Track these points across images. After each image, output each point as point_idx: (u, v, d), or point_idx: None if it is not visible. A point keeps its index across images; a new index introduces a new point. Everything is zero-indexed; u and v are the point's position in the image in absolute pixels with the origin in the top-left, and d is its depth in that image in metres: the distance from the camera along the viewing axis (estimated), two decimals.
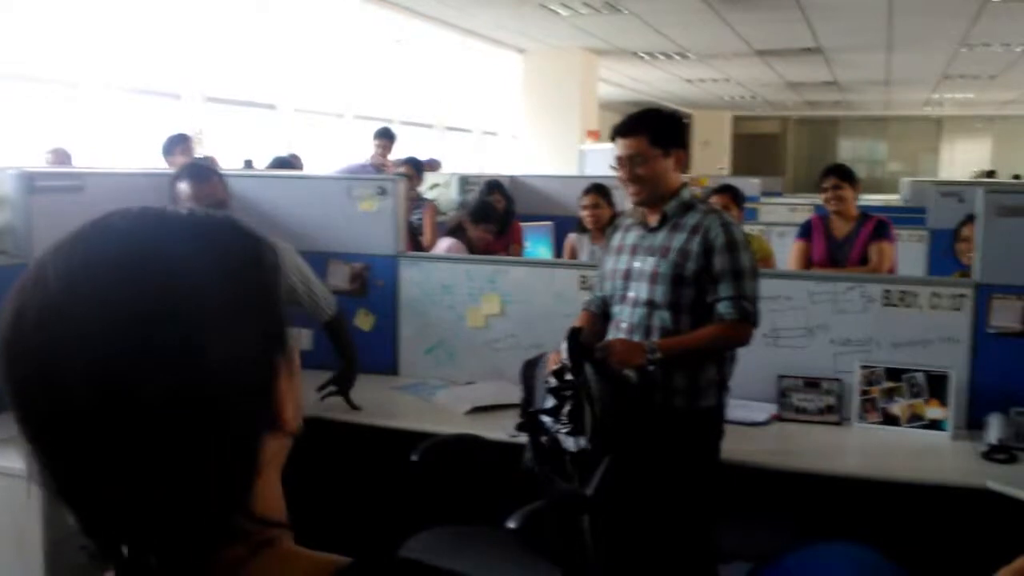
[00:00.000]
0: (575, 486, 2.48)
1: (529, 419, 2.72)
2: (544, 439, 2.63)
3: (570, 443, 2.55)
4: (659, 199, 2.66)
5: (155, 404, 0.58)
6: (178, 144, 5.48)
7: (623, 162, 2.65)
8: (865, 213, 4.51)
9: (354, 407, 3.19)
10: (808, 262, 4.44)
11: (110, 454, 0.59)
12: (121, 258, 0.61)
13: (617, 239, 2.80)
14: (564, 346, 2.57)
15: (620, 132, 2.67)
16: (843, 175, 4.43)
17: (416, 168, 6.42)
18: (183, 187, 2.88)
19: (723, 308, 2.56)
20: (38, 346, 0.59)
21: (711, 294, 2.58)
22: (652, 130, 2.64)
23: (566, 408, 2.53)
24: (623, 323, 2.70)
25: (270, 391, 0.66)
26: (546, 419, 2.61)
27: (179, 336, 0.59)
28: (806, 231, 4.53)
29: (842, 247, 4.40)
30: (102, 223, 0.63)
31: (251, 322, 0.64)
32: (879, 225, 4.39)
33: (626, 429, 2.50)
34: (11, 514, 2.53)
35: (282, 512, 0.70)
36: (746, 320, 2.58)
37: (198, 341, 0.60)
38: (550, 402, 2.62)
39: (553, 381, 2.60)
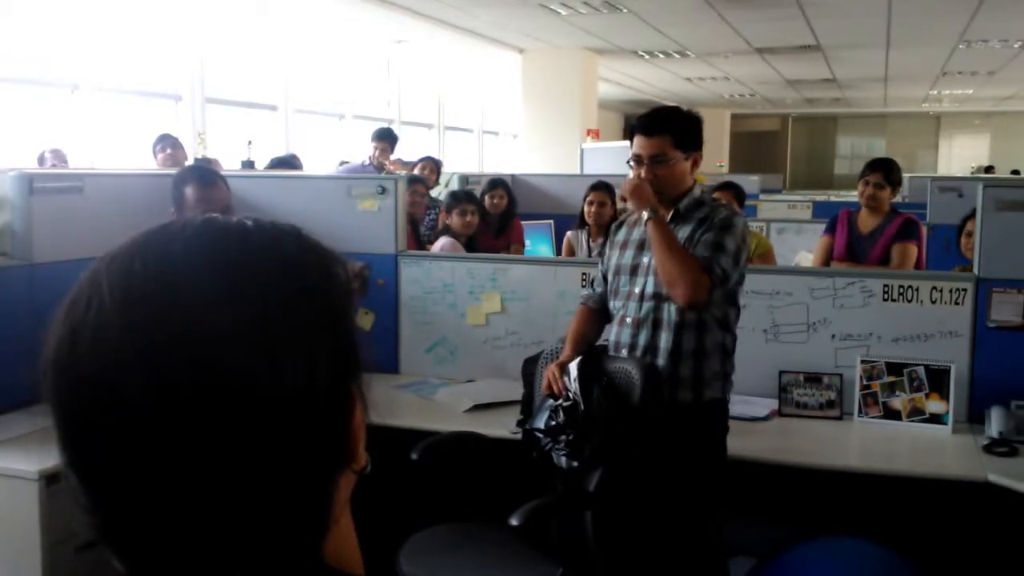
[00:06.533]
0: (577, 483, 2.49)
1: (524, 434, 2.72)
2: (534, 454, 2.63)
3: (563, 462, 2.55)
4: (670, 199, 2.62)
5: (217, 432, 0.53)
6: (160, 143, 5.48)
7: (642, 160, 2.57)
8: (895, 209, 4.25)
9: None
10: (830, 257, 4.26)
11: (167, 487, 0.53)
12: (180, 275, 0.55)
13: (623, 235, 2.75)
14: (573, 374, 2.56)
15: (643, 130, 2.59)
16: (889, 178, 4.16)
17: (435, 167, 6.40)
18: (189, 191, 2.84)
19: None
20: (95, 369, 0.53)
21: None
22: (676, 131, 2.57)
23: (566, 436, 2.53)
24: (628, 318, 2.65)
25: (345, 422, 0.59)
26: (540, 435, 2.61)
27: (242, 358, 0.54)
28: (832, 226, 4.33)
29: (864, 242, 4.19)
30: (160, 235, 0.58)
31: (321, 344, 0.57)
32: (906, 224, 4.13)
33: (624, 444, 2.49)
34: (10, 515, 2.53)
35: (358, 563, 0.63)
36: (708, 273, 2.45)
37: (262, 364, 0.54)
38: (544, 416, 2.62)
39: (551, 403, 2.61)
